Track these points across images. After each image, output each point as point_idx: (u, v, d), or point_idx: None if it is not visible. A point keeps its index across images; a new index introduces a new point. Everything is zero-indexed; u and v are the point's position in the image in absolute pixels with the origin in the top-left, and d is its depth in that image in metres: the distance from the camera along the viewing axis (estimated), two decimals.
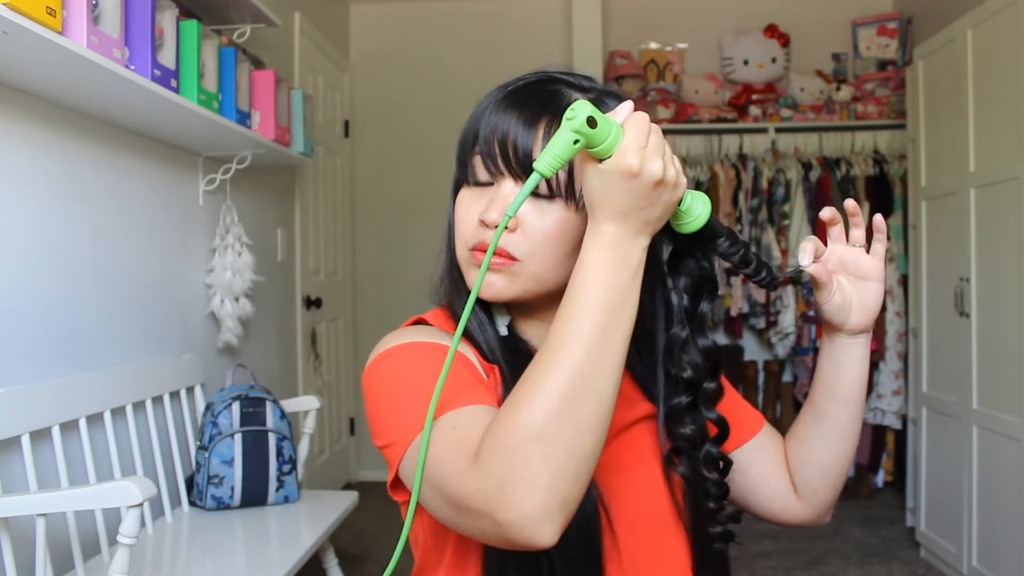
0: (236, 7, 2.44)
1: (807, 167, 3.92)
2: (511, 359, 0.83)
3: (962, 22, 2.70)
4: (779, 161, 3.96)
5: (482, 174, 0.81)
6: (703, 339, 0.84)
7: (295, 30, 3.43)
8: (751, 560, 3.04)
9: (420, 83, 4.27)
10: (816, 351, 3.94)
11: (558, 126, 0.76)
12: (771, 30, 4.08)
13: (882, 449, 3.88)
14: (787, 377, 4.10)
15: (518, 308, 0.86)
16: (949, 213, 2.82)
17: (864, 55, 4.10)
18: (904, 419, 3.56)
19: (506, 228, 0.77)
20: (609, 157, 0.68)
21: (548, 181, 0.77)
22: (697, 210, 0.76)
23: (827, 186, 3.87)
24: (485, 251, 0.79)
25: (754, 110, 4.03)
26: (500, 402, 0.79)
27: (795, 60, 4.17)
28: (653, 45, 4.20)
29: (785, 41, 4.09)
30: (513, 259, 0.79)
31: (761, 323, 3.98)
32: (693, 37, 4.23)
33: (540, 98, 0.79)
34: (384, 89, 4.30)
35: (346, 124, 4.24)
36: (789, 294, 3.84)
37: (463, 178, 0.84)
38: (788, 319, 3.88)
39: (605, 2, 4.11)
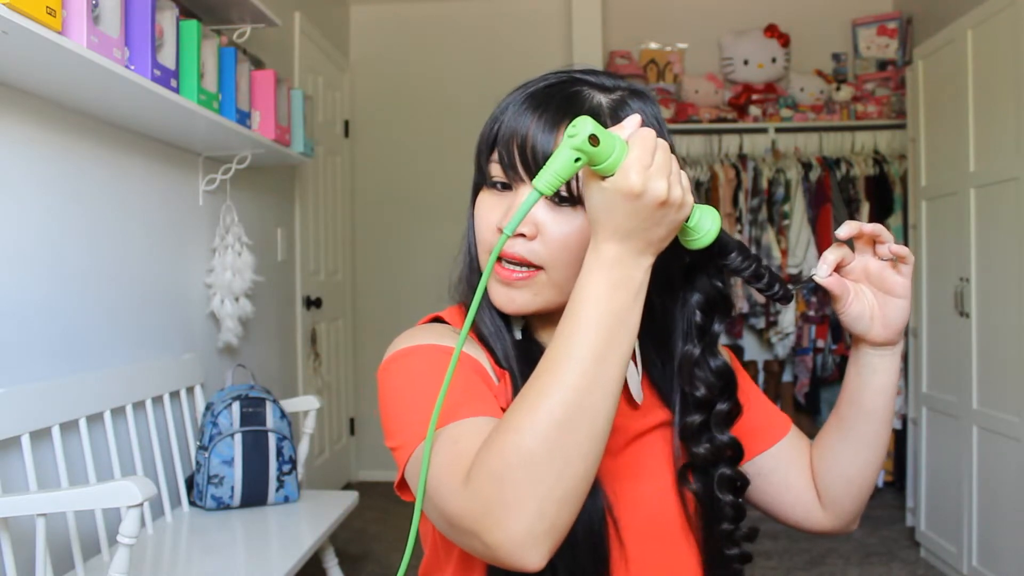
0: (236, 7, 2.44)
1: (807, 167, 3.92)
2: (524, 366, 0.81)
3: (962, 22, 2.70)
4: (779, 161, 3.96)
5: (500, 179, 0.79)
6: (715, 359, 0.82)
7: (295, 30, 3.43)
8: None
9: (420, 83, 4.28)
10: (816, 351, 3.94)
11: None
12: (771, 30, 4.08)
13: None
14: (787, 377, 4.10)
15: (538, 316, 0.85)
16: (949, 213, 2.82)
17: (864, 55, 4.10)
18: (904, 419, 3.55)
19: (523, 235, 0.77)
20: (612, 175, 0.65)
21: (569, 188, 0.75)
22: (706, 226, 0.74)
23: (827, 186, 3.87)
24: (507, 262, 0.79)
25: (754, 110, 4.03)
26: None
27: (795, 60, 4.17)
28: (653, 45, 4.20)
29: (785, 41, 4.09)
30: (535, 267, 0.78)
31: (761, 323, 3.98)
32: (693, 37, 4.24)
33: (560, 100, 0.77)
34: (384, 89, 4.30)
35: (346, 124, 4.24)
36: None
37: (481, 181, 0.82)
38: (788, 319, 3.88)
39: (605, 2, 4.11)
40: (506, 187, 0.80)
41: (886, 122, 3.95)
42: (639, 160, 0.65)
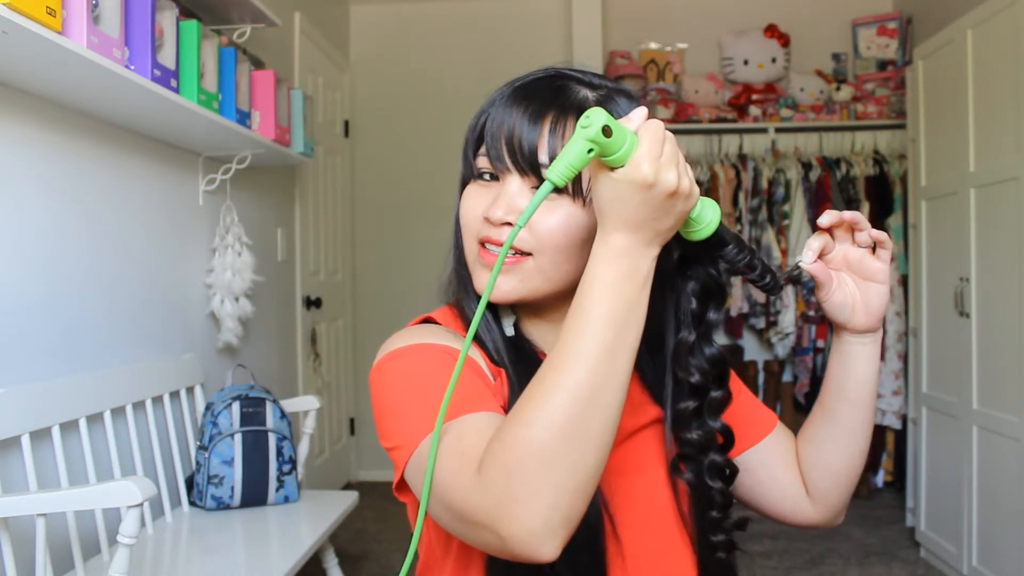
0: (236, 7, 2.44)
1: (807, 167, 3.92)
2: (517, 362, 0.82)
3: (962, 22, 2.70)
4: (779, 161, 3.96)
5: (487, 170, 0.80)
6: (709, 347, 0.83)
7: (295, 30, 3.43)
8: (751, 560, 3.04)
9: (420, 83, 4.27)
10: (816, 351, 3.94)
11: (564, 122, 0.76)
12: (771, 30, 4.08)
13: (882, 449, 3.88)
14: (787, 377, 4.10)
15: (524, 307, 0.86)
16: (949, 213, 2.82)
17: (864, 55, 4.10)
18: (904, 419, 3.56)
19: (509, 224, 0.78)
20: (622, 166, 0.66)
21: None
22: (707, 217, 0.75)
23: (827, 186, 3.87)
24: (493, 247, 0.79)
25: (754, 110, 4.03)
26: (506, 407, 0.78)
27: (795, 60, 4.17)
28: (653, 45, 4.20)
29: (785, 41, 4.09)
30: (523, 253, 0.78)
31: (761, 323, 3.98)
32: (693, 37, 4.23)
33: (546, 94, 0.78)
34: (384, 89, 4.30)
35: (346, 124, 4.24)
36: (789, 294, 3.84)
37: (469, 174, 0.83)
38: (788, 319, 3.88)
39: (605, 2, 4.11)
40: (493, 178, 0.80)
41: (886, 122, 3.95)
42: (650, 151, 0.66)
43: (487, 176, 0.81)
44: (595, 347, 0.65)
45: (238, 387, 2.33)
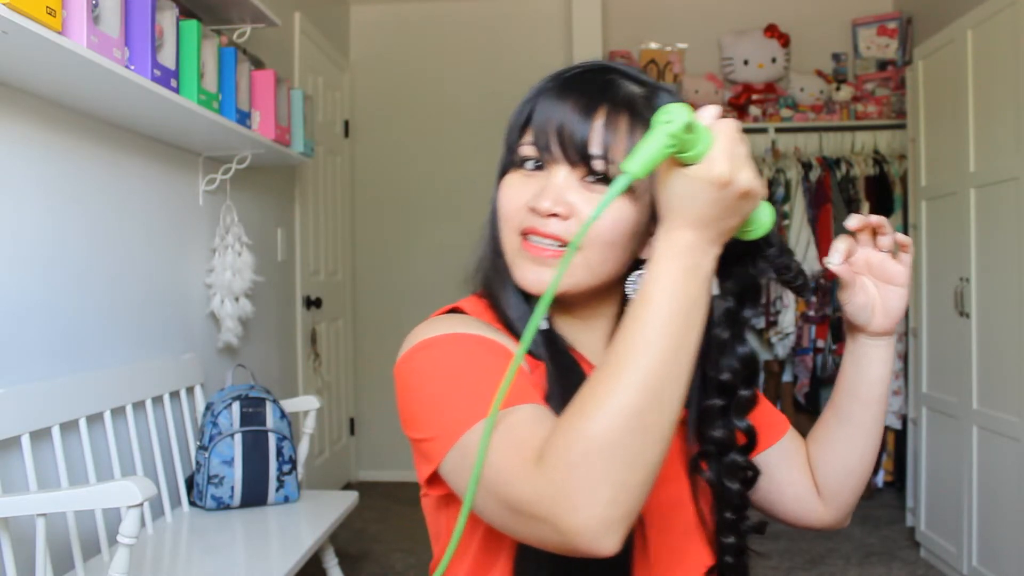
0: (236, 7, 2.44)
1: (807, 167, 3.92)
2: (554, 355, 0.81)
3: (962, 22, 2.70)
4: (779, 161, 3.96)
5: (533, 160, 0.80)
6: (742, 346, 0.83)
7: (295, 30, 3.43)
8: (751, 560, 3.03)
9: (420, 83, 4.28)
10: (816, 351, 3.94)
11: (617, 116, 0.77)
12: (771, 30, 4.08)
13: (882, 449, 3.88)
14: (787, 377, 4.10)
15: (555, 304, 0.84)
16: (949, 213, 2.82)
17: (864, 55, 4.10)
18: (904, 419, 3.55)
19: (556, 215, 0.77)
20: (696, 163, 0.66)
21: (606, 170, 0.77)
22: (763, 218, 0.75)
23: (827, 186, 3.87)
24: (537, 239, 0.79)
25: (754, 110, 4.03)
26: (544, 400, 0.77)
27: (795, 60, 4.17)
28: (653, 45, 4.20)
29: (785, 41, 4.09)
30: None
31: (761, 323, 3.98)
32: (693, 37, 4.23)
33: (597, 87, 0.79)
34: (384, 89, 4.30)
35: (346, 124, 4.24)
36: (789, 294, 3.84)
37: (510, 162, 0.83)
38: (788, 319, 3.88)
39: (605, 2, 4.11)
40: (537, 168, 0.81)
41: (886, 122, 3.95)
42: (726, 149, 0.65)
43: (530, 165, 0.81)
44: (661, 341, 0.64)
45: (238, 387, 2.33)
